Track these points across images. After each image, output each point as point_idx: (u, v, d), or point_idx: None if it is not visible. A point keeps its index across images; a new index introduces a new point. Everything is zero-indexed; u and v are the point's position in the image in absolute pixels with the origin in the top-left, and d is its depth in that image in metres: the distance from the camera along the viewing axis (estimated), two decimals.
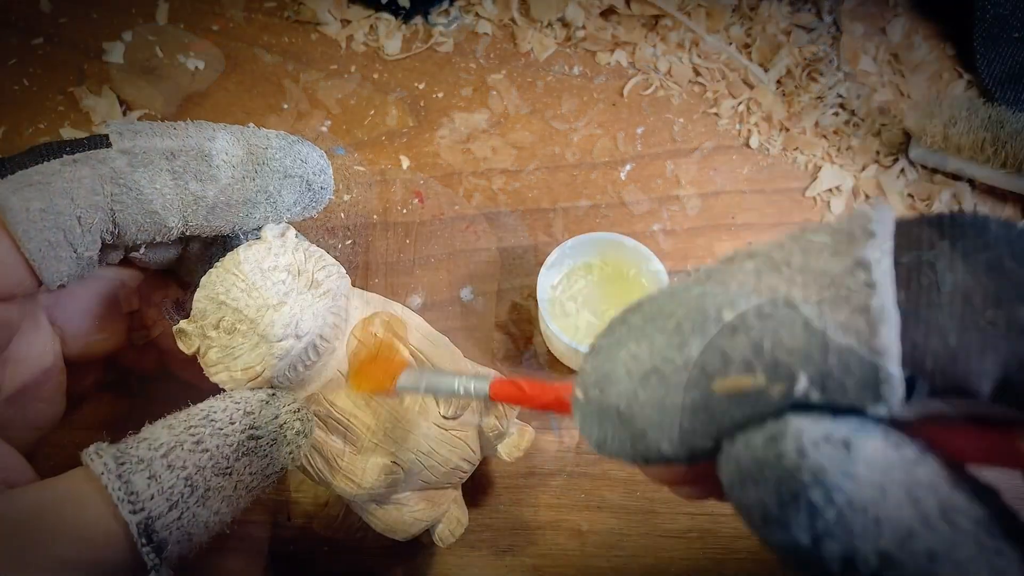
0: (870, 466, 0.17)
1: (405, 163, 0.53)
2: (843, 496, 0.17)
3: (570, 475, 0.44)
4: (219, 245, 0.36)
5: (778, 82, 0.55)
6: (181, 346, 0.32)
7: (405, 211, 0.51)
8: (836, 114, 0.53)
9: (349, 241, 0.51)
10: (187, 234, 0.34)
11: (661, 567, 0.41)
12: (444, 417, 0.34)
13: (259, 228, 0.34)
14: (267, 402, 0.30)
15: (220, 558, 0.34)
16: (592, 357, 0.22)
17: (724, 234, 0.50)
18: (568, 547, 0.42)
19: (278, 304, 0.30)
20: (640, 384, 0.20)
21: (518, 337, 0.47)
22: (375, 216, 0.51)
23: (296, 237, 0.34)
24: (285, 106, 0.55)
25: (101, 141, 0.32)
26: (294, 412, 0.30)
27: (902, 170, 0.51)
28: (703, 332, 0.19)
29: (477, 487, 0.43)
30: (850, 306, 0.18)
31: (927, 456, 0.18)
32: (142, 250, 0.35)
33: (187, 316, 0.32)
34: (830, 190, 0.51)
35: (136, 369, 0.42)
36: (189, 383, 0.35)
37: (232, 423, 0.29)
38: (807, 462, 0.17)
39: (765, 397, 0.18)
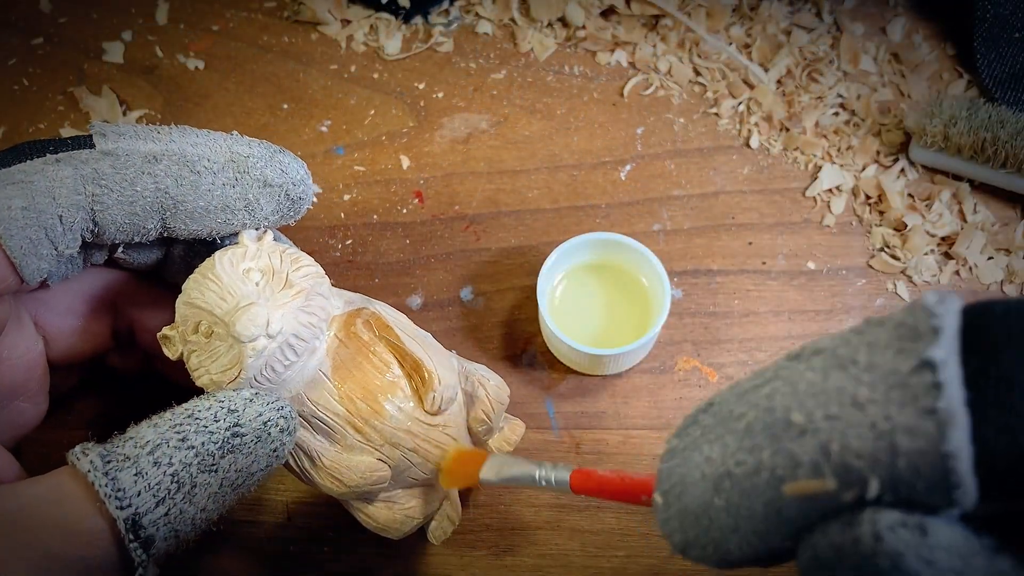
0: (949, 552, 0.17)
1: (405, 163, 0.53)
2: None
3: None
4: (203, 247, 0.36)
5: (778, 82, 0.55)
6: (166, 352, 0.32)
7: (405, 211, 0.51)
8: (836, 114, 0.53)
9: (349, 241, 0.51)
10: (166, 236, 0.34)
11: (661, 567, 0.41)
12: (428, 412, 0.34)
13: (237, 234, 0.34)
14: (251, 400, 0.30)
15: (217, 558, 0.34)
16: (668, 459, 0.22)
17: (724, 234, 0.50)
18: (568, 547, 0.42)
19: (248, 305, 0.30)
20: (715, 488, 0.20)
21: (518, 337, 0.47)
22: (375, 216, 0.51)
23: (274, 240, 0.34)
24: (285, 106, 0.55)
25: (85, 142, 0.33)
26: (278, 410, 0.30)
27: (902, 170, 0.51)
28: (772, 434, 0.19)
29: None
30: (917, 408, 0.17)
31: (1007, 547, 0.18)
32: (120, 249, 0.35)
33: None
34: (830, 190, 0.51)
35: (121, 370, 0.42)
36: (174, 383, 0.35)
37: (216, 420, 0.29)
38: (883, 546, 0.17)
39: (837, 500, 0.18)
